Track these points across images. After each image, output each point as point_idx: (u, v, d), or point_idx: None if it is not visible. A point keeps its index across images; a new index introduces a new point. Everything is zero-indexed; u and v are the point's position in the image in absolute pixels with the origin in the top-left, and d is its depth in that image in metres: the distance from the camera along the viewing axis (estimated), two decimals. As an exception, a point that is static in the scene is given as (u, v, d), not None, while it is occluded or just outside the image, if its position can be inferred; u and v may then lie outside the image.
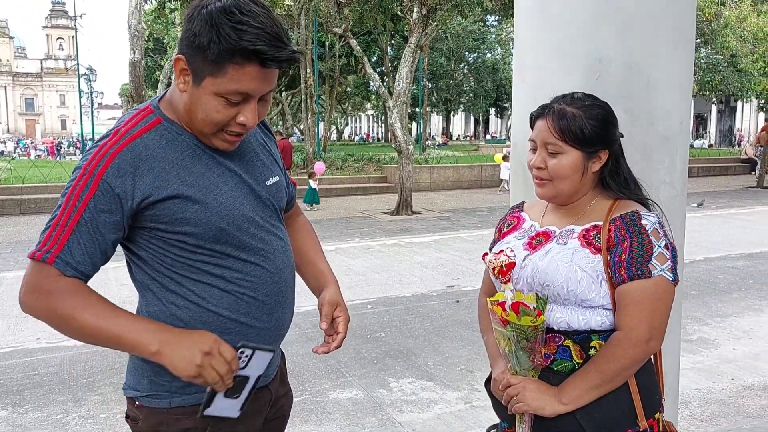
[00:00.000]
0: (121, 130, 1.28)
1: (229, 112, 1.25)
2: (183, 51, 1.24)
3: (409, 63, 12.55)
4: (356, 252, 8.63)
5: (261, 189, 1.40)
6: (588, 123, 1.48)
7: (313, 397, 4.00)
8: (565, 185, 1.50)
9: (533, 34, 2.12)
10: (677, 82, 2.03)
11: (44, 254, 1.22)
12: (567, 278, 1.42)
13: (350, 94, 36.43)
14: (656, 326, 1.39)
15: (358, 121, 68.27)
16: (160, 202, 1.26)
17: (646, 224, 1.44)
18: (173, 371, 1.21)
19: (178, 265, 1.32)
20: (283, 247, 1.44)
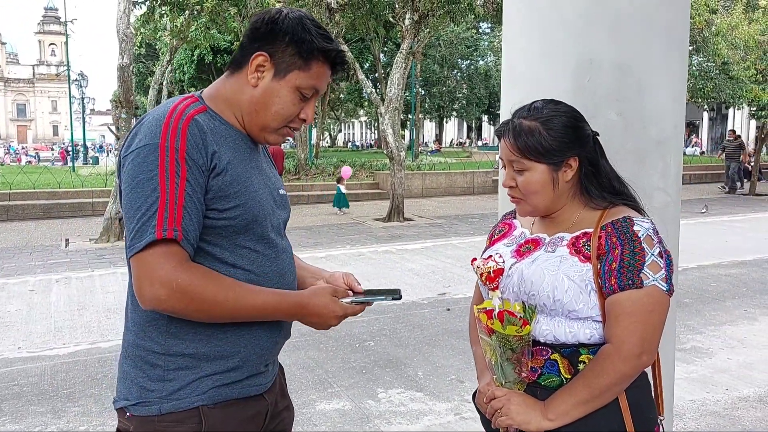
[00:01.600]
0: (179, 107, 1.32)
1: (299, 106, 1.39)
2: (263, 48, 1.35)
3: (401, 69, 12.50)
4: (347, 259, 8.54)
5: (276, 195, 1.49)
6: (547, 134, 1.41)
7: (300, 408, 3.91)
8: (539, 200, 1.44)
9: (522, 36, 2.05)
10: (670, 84, 1.96)
11: (173, 231, 1.23)
12: (553, 287, 1.36)
13: (343, 101, 36.39)
14: (648, 339, 1.32)
15: (351, 127, 68.29)
16: (220, 174, 1.31)
17: (638, 231, 1.36)
18: (313, 325, 1.40)
19: (200, 253, 1.32)
20: (288, 253, 1.50)
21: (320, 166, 19.97)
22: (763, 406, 3.78)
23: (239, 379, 1.37)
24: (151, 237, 1.23)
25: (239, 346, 1.36)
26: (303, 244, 9.67)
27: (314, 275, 1.58)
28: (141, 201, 1.24)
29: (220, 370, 1.34)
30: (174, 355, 1.32)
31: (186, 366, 1.32)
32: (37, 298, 6.61)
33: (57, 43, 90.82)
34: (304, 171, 18.67)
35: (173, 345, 1.32)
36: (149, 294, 1.24)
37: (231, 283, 1.30)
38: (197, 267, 1.28)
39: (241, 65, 1.39)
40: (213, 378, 1.34)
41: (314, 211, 14.02)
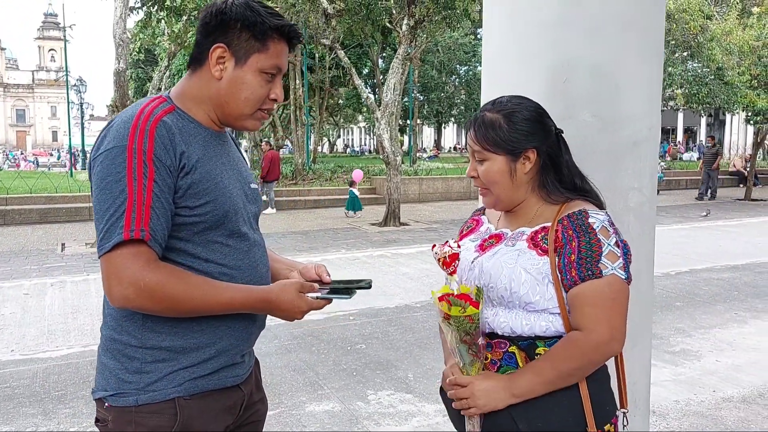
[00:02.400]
0: (147, 109, 1.35)
1: (267, 88, 1.42)
2: (219, 39, 1.38)
3: (398, 75, 12.55)
4: (342, 263, 8.57)
5: (247, 188, 1.52)
6: (506, 126, 1.46)
7: (290, 410, 3.93)
8: (499, 190, 1.48)
9: (500, 37, 2.09)
10: (645, 86, 2.00)
11: (140, 232, 1.26)
12: (510, 279, 1.40)
13: (342, 106, 36.47)
14: (616, 326, 1.36)
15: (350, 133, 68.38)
16: (190, 173, 1.34)
17: (593, 222, 1.40)
18: (281, 317, 1.43)
19: (169, 250, 1.35)
20: (260, 246, 1.53)
21: (317, 171, 20.02)
22: (746, 406, 3.81)
23: (215, 369, 1.40)
24: (119, 238, 1.25)
25: (215, 338, 1.39)
26: (299, 248, 9.69)
27: (289, 267, 1.62)
28: (109, 202, 1.27)
29: (197, 362, 1.38)
30: (151, 348, 1.35)
31: (163, 359, 1.35)
32: (32, 302, 6.63)
33: (57, 49, 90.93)
34: (302, 176, 18.71)
35: (150, 338, 1.35)
36: (118, 293, 1.27)
37: (198, 281, 1.33)
38: (164, 266, 1.31)
39: (201, 61, 1.42)
40: (189, 370, 1.37)
41: (311, 216, 14.05)
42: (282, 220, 13.44)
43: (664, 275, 7.47)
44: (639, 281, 2.05)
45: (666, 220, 12.58)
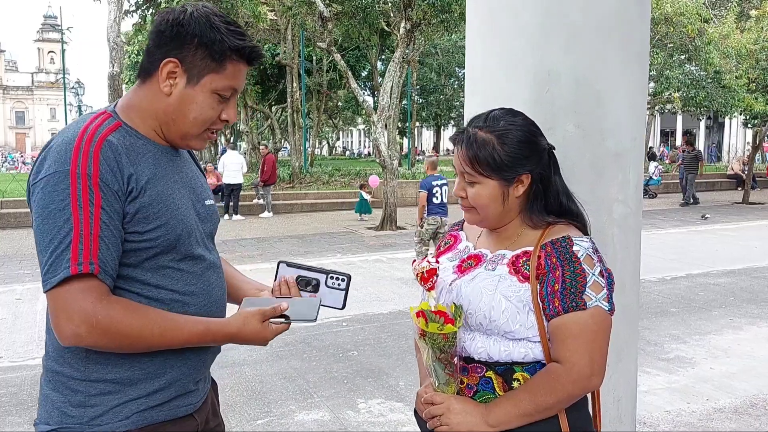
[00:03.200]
0: (90, 128, 1.26)
1: (218, 109, 1.34)
2: (172, 53, 1.29)
3: (395, 78, 12.52)
4: (336, 268, 8.49)
5: (200, 206, 1.44)
6: (501, 149, 1.38)
7: (278, 419, 3.89)
8: (488, 213, 1.42)
9: (482, 44, 2.05)
10: (629, 96, 1.96)
11: (89, 265, 1.18)
12: (490, 307, 1.35)
13: (341, 109, 36.47)
14: (597, 360, 1.32)
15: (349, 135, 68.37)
16: (138, 197, 1.26)
17: (578, 251, 1.34)
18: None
19: (119, 277, 1.28)
20: (216, 268, 1.45)
21: (315, 174, 19.97)
22: (738, 417, 3.77)
23: (166, 400, 1.33)
24: (66, 272, 1.18)
25: (165, 367, 1.32)
26: (294, 252, 9.65)
27: (257, 289, 1.55)
28: (54, 233, 1.19)
29: (146, 393, 1.30)
30: (95, 381, 1.28)
31: (108, 391, 1.28)
32: (24, 307, 6.59)
33: (56, 51, 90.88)
34: (299, 179, 18.67)
35: (93, 371, 1.28)
36: (68, 331, 1.20)
37: (156, 317, 1.26)
38: (118, 301, 1.24)
39: (151, 73, 1.33)
40: (138, 402, 1.30)
41: (307, 220, 14.01)
42: (278, 224, 13.40)
43: (660, 280, 7.43)
44: (624, 296, 2.02)
45: (663, 224, 12.55)
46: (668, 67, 16.94)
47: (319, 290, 1.45)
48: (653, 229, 11.58)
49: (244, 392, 4.30)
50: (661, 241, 10.12)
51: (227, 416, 3.91)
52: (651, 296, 6.69)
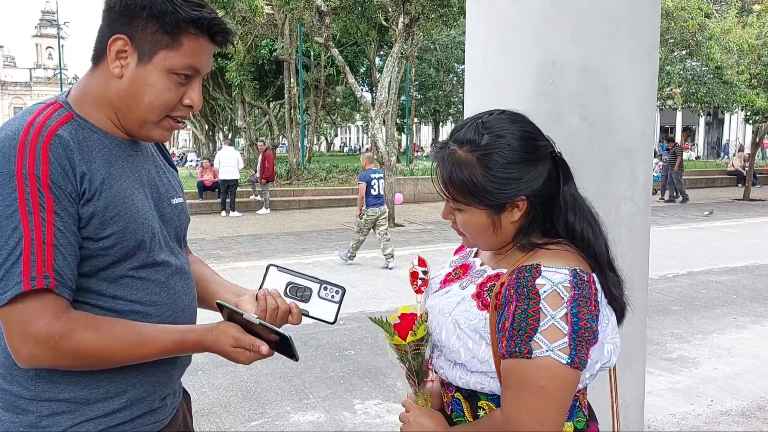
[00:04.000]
0: (37, 121, 1.12)
1: (178, 92, 1.19)
2: (121, 30, 1.15)
3: (393, 73, 12.42)
4: (334, 265, 8.44)
5: (166, 206, 1.31)
6: (484, 173, 1.13)
7: (273, 420, 3.81)
8: (480, 240, 1.23)
9: (483, 35, 1.95)
10: (639, 88, 1.86)
11: (44, 279, 1.06)
12: (440, 330, 1.20)
13: (339, 105, 36.34)
14: (541, 422, 1.08)
15: (348, 132, 68.25)
16: (93, 199, 1.14)
17: (542, 285, 1.09)
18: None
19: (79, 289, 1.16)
20: (183, 274, 1.32)
21: (313, 171, 19.86)
22: (745, 420, 3.68)
23: (129, 419, 1.21)
24: (17, 289, 1.05)
25: (126, 386, 1.21)
26: (291, 249, 9.55)
27: (236, 294, 1.40)
28: (1, 243, 1.06)
29: (104, 413, 1.19)
30: (47, 401, 1.16)
31: (62, 411, 1.16)
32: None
33: (54, 47, 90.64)
34: (296, 176, 18.56)
35: (45, 390, 1.16)
36: (25, 353, 1.09)
37: (120, 332, 1.14)
38: (78, 316, 1.12)
39: (101, 55, 1.18)
40: (96, 422, 1.18)
41: (304, 217, 13.91)
42: (275, 220, 13.30)
43: (662, 278, 7.35)
44: (633, 299, 1.91)
45: (664, 221, 12.47)
46: (669, 62, 16.84)
47: (311, 300, 1.32)
48: (654, 226, 11.46)
49: (238, 392, 4.21)
50: (662, 239, 10.03)
51: (221, 417, 3.82)
52: (653, 294, 6.61)
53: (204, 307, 1.46)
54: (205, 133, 34.29)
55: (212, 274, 1.50)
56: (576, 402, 1.21)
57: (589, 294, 1.11)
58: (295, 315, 1.30)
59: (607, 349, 1.16)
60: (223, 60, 21.62)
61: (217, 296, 1.39)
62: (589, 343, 1.09)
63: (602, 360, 1.16)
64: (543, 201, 1.18)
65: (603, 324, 1.15)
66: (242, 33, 19.49)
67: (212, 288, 1.44)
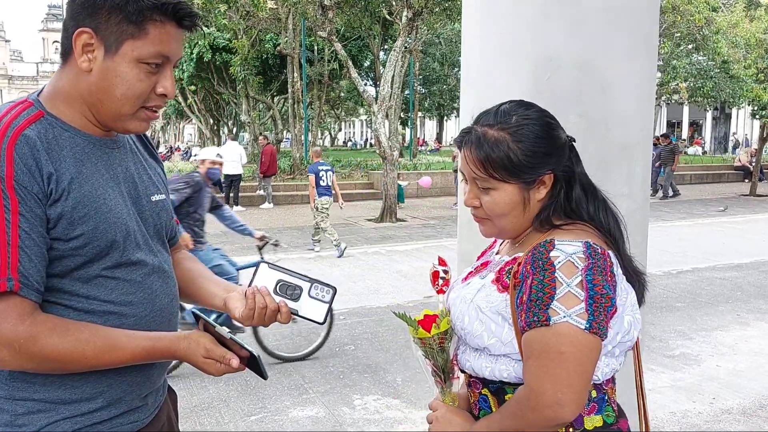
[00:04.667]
0: (3, 122, 1.10)
1: (150, 81, 1.17)
2: (85, 23, 1.13)
3: (396, 67, 12.38)
4: (335, 260, 8.43)
5: (145, 203, 1.28)
6: (517, 147, 1.19)
7: (272, 415, 3.81)
8: (506, 222, 1.24)
9: (478, 31, 1.93)
10: (637, 85, 1.84)
11: (7, 282, 1.05)
12: (463, 317, 1.23)
13: (343, 99, 36.26)
14: (564, 386, 1.10)
15: (351, 126, 68.19)
16: (60, 200, 1.12)
17: (556, 256, 1.13)
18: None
19: (47, 289, 1.14)
20: (162, 273, 1.29)
21: (315, 164, 19.81)
22: (747, 419, 3.65)
23: (107, 418, 1.20)
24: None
25: (102, 386, 1.19)
26: (293, 244, 9.56)
27: (226, 289, 1.39)
28: None
29: (81, 413, 1.17)
30: (22, 400, 1.15)
31: (38, 410, 1.15)
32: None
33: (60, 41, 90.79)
34: (299, 170, 18.54)
35: (18, 389, 1.15)
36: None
37: (88, 336, 1.13)
38: (45, 320, 1.10)
39: (69, 51, 1.16)
40: (72, 420, 1.16)
41: (307, 211, 13.81)
42: (278, 215, 13.30)
43: (665, 274, 7.31)
44: (629, 296, 1.91)
45: (669, 217, 12.41)
46: (675, 56, 16.74)
47: (301, 299, 1.30)
48: (658, 221, 11.44)
49: (238, 387, 4.21)
50: (666, 234, 9.98)
51: (221, 411, 3.83)
52: (656, 291, 6.57)
53: (193, 303, 1.45)
54: (209, 127, 34.30)
55: (203, 270, 1.47)
56: (605, 396, 1.22)
57: (603, 265, 1.14)
58: (283, 314, 1.27)
59: (627, 321, 1.18)
60: (228, 54, 21.60)
61: (206, 292, 1.38)
62: (606, 310, 1.12)
63: (622, 331, 1.18)
64: (565, 180, 1.24)
65: (622, 296, 1.17)
66: (246, 27, 19.47)
67: (202, 284, 1.43)
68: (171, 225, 1.41)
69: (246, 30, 19.59)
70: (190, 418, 3.74)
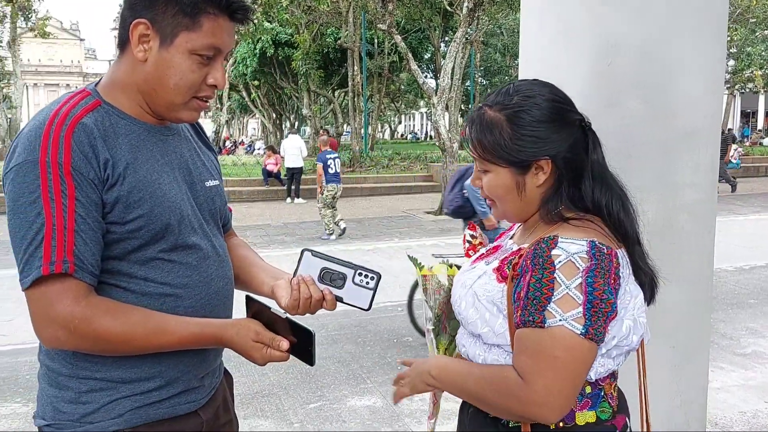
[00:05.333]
0: (62, 110, 1.16)
1: (202, 72, 1.21)
2: (142, 14, 1.17)
3: (457, 59, 12.28)
4: (393, 252, 8.46)
5: (200, 188, 1.33)
6: (510, 131, 1.16)
7: (330, 403, 3.87)
8: (506, 206, 1.23)
9: (537, 16, 1.89)
10: (703, 68, 1.77)
11: (62, 264, 1.10)
12: (460, 303, 1.22)
13: (403, 92, 36.27)
14: (553, 392, 1.07)
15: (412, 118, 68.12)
16: (117, 184, 1.16)
17: (557, 255, 1.09)
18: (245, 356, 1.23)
19: (104, 271, 1.19)
20: (217, 257, 1.33)
21: (375, 158, 19.93)
22: (823, 421, 3.47)
23: (164, 397, 1.24)
24: (37, 273, 1.09)
25: (160, 368, 1.23)
26: (351, 236, 9.65)
27: (273, 276, 1.41)
28: (25, 228, 1.10)
29: (140, 391, 1.22)
30: (85, 378, 1.20)
31: (100, 388, 1.20)
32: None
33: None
34: (359, 163, 18.68)
35: (82, 368, 1.20)
36: (48, 335, 1.13)
37: (140, 318, 1.17)
38: (99, 302, 1.15)
39: (126, 41, 1.20)
40: (132, 399, 1.21)
41: (366, 204, 14.00)
42: (338, 207, 13.44)
43: (737, 270, 6.99)
44: (694, 290, 1.84)
45: (742, 210, 11.85)
46: (750, 43, 15.91)
47: (345, 286, 1.30)
48: (731, 215, 10.94)
49: (298, 375, 4.30)
50: (739, 228, 9.54)
51: (281, 398, 3.92)
52: (727, 286, 6.30)
53: (246, 290, 1.47)
54: (272, 122, 34.99)
55: (255, 258, 1.51)
56: (600, 391, 1.19)
57: (608, 267, 1.10)
58: (328, 302, 1.29)
59: (626, 325, 1.14)
60: (290, 49, 21.95)
61: (256, 280, 1.42)
62: (606, 315, 1.08)
63: (619, 335, 1.14)
64: (569, 168, 1.18)
65: (625, 299, 1.14)
66: (307, 22, 19.72)
67: (253, 272, 1.46)
68: (224, 211, 1.45)
69: (308, 24, 19.84)
70: (251, 404, 3.85)
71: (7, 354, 4.75)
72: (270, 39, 23.63)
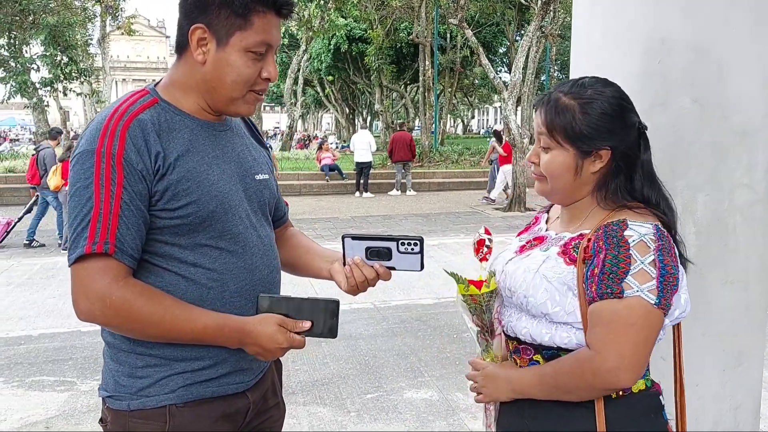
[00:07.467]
0: (121, 108, 1.27)
1: (256, 67, 1.30)
2: (198, 19, 1.28)
3: (531, 53, 12.07)
4: (458, 248, 8.45)
5: (250, 181, 1.41)
6: (582, 118, 1.29)
7: (387, 394, 3.94)
8: (558, 184, 1.34)
9: (588, 14, 1.88)
10: (760, 66, 1.71)
11: (104, 245, 1.20)
12: (528, 286, 1.29)
13: (477, 87, 35.92)
14: (627, 356, 1.19)
15: (485, 113, 67.29)
16: (167, 174, 1.26)
17: (630, 236, 1.22)
18: (256, 355, 1.32)
19: (153, 255, 1.29)
20: (262, 246, 1.41)
21: (444, 153, 19.86)
22: None
23: (215, 376, 1.33)
24: (81, 251, 1.20)
25: (210, 348, 1.31)
26: (418, 231, 9.70)
27: (329, 259, 1.50)
28: (77, 210, 1.21)
29: (192, 369, 1.31)
30: (141, 354, 1.30)
31: (155, 364, 1.30)
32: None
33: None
34: (428, 158, 18.67)
35: (139, 344, 1.30)
36: (83, 308, 1.22)
37: (169, 304, 1.25)
38: (134, 284, 1.24)
39: (184, 45, 1.32)
40: (184, 376, 1.30)
41: (434, 199, 13.99)
42: (405, 202, 13.53)
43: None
44: (747, 293, 1.79)
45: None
46: None
47: (393, 257, 1.38)
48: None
49: (357, 365, 4.40)
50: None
51: (339, 387, 4.02)
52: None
53: (307, 275, 1.58)
54: (345, 116, 35.46)
55: (310, 245, 1.61)
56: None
57: (670, 247, 1.24)
58: (383, 274, 1.40)
59: (684, 299, 1.27)
60: (363, 45, 22.16)
61: (312, 265, 1.53)
62: (672, 289, 1.21)
63: (680, 308, 1.26)
64: (623, 160, 1.30)
65: (681, 276, 1.26)
66: (380, 17, 19.85)
67: (309, 258, 1.57)
68: (279, 204, 1.55)
69: (381, 20, 19.97)
70: (311, 392, 3.97)
71: (89, 335, 5.09)
72: (344, 35, 23.93)
